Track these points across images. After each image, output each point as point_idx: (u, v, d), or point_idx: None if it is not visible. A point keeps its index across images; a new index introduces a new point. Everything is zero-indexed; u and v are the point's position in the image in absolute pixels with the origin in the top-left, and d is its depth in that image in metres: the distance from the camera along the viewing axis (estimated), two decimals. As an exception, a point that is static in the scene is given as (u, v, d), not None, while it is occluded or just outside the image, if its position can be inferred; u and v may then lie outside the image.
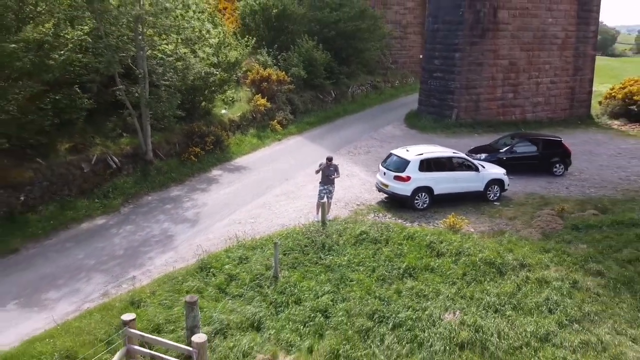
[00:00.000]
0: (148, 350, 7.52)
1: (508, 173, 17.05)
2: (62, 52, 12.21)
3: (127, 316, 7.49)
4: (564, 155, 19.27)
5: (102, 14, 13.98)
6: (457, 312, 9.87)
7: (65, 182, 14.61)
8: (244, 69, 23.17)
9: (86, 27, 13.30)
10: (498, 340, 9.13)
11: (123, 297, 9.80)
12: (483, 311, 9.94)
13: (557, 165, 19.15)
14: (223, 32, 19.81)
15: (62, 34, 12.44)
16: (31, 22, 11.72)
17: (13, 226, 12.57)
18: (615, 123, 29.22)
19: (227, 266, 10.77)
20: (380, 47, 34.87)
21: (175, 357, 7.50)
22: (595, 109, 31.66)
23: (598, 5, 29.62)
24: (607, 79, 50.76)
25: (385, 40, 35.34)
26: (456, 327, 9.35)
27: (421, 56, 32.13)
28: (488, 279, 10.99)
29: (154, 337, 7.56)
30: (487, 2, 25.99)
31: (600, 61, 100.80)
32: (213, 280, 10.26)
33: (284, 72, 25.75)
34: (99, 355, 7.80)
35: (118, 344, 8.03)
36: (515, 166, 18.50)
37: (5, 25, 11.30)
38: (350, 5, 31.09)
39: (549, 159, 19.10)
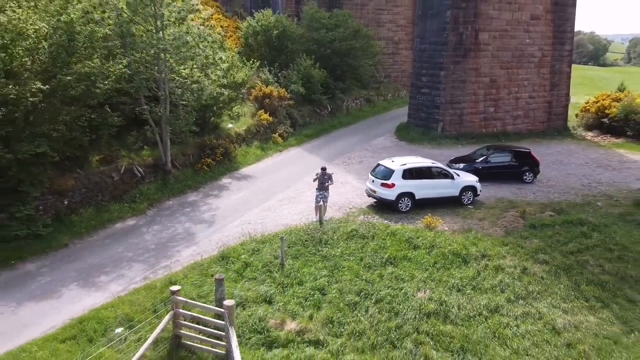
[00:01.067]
0: (190, 312, 10.18)
1: (483, 181, 19.92)
2: (106, 82, 15.00)
3: (174, 287, 10.17)
4: (532, 165, 22.10)
5: (132, 46, 16.79)
6: (427, 291, 12.58)
7: (100, 189, 17.31)
8: (248, 85, 26.00)
9: (124, 60, 16.06)
10: (457, 310, 11.85)
11: (161, 280, 12.48)
12: (448, 290, 12.65)
13: (527, 174, 21.96)
14: (231, 57, 22.62)
15: (105, 67, 15.19)
16: (79, 57, 14.45)
17: (61, 226, 15.22)
18: (589, 134, 32.15)
19: (242, 256, 13.47)
20: (373, 64, 37.80)
21: (210, 317, 10.16)
22: (573, 121, 34.62)
23: (572, 27, 32.68)
24: (593, 90, 53.98)
25: (378, 57, 38.24)
26: (425, 302, 12.06)
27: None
28: (454, 267, 13.71)
29: (195, 302, 10.24)
30: (469, 25, 28.97)
31: (590, 72, 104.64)
32: (232, 267, 12.94)
33: (284, 89, 28.60)
34: (149, 318, 10.47)
35: (162, 312, 10.72)
36: (490, 174, 21.34)
37: (61, 60, 14.06)
38: (345, 26, 34.06)
39: (520, 168, 21.92)
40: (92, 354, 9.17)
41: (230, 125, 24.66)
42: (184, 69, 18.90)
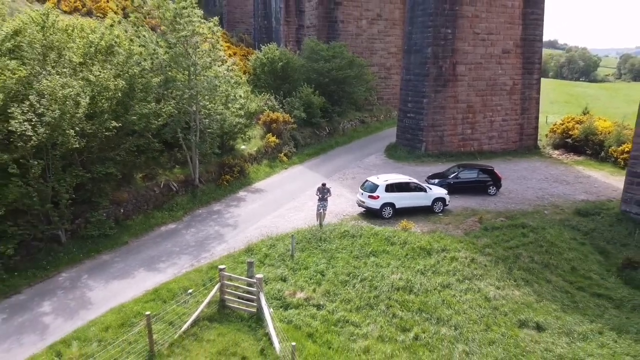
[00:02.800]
0: (232, 283, 15.19)
1: (454, 194, 25.11)
2: (159, 120, 20.20)
3: (221, 266, 15.19)
4: (495, 180, 27.27)
5: (173, 89, 22.03)
6: (399, 274, 17.61)
7: (145, 200, 22.41)
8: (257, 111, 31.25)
9: (172, 102, 21.28)
10: (419, 286, 16.86)
11: (205, 265, 17.51)
12: (414, 273, 17.67)
13: (491, 187, 27.12)
14: (247, 92, 27.89)
15: (157, 108, 20.39)
16: (138, 101, 19.66)
17: (121, 228, 20.27)
18: (555, 153, 37.45)
19: (263, 249, 18.52)
20: (367, 89, 43.20)
21: (245, 285, 15.17)
22: (544, 140, 39.93)
23: (540, 58, 38.19)
24: (576, 108, 59.45)
25: (371, 83, 43.65)
26: (397, 281, 17.08)
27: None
28: (420, 257, 18.76)
29: (235, 275, 15.28)
30: (447, 59, 34.40)
31: (579, 88, 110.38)
32: (256, 257, 17.94)
33: (288, 114, 33.86)
34: (201, 289, 15.47)
35: (209, 286, 15.70)
36: (460, 188, 26.52)
37: (126, 104, 19.26)
38: (341, 57, 39.51)
39: (485, 182, 27.09)
40: (169, 309, 14.17)
41: (243, 147, 29.84)
42: (211, 104, 24.09)
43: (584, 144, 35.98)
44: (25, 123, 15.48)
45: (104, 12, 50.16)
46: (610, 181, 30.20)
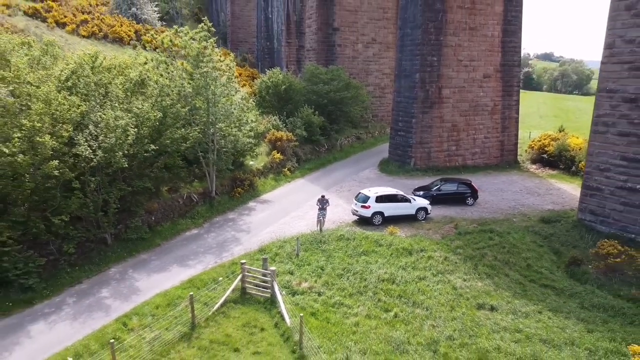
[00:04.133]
0: (251, 274, 19.59)
1: (437, 204, 29.58)
2: (188, 143, 24.75)
3: (243, 261, 19.62)
4: (473, 192, 31.79)
5: (196, 116, 26.59)
6: (384, 269, 22.01)
7: (172, 209, 26.87)
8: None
9: (197, 127, 25.85)
10: (400, 279, 21.25)
11: (227, 262, 21.92)
12: (397, 269, 22.05)
13: (469, 199, 31.63)
14: (256, 115, 32.50)
15: (186, 133, 24.95)
16: (170, 127, 24.23)
17: (153, 233, 24.69)
18: (533, 167, 42.06)
19: (273, 249, 22.94)
20: (363, 108, 47.88)
21: (261, 276, 19.56)
22: (524, 155, 44.55)
23: (518, 82, 42.95)
24: (565, 122, 64.07)
25: (366, 102, 48.36)
26: (382, 274, 21.46)
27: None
28: (402, 256, 23.17)
29: (253, 268, 19.70)
30: (433, 84, 39.13)
31: (570, 102, 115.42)
32: (268, 255, 22.31)
33: (290, 133, 38.43)
34: (226, 280, 19.85)
35: (231, 277, 20.09)
36: (442, 199, 31.03)
37: (158, 129, 23.80)
38: (339, 80, 44.24)
39: (463, 194, 31.61)
40: (202, 294, 18.55)
41: (252, 163, 34.38)
42: (226, 127, 28.63)
43: (558, 159, 40.61)
44: (88, 148, 19.98)
45: (118, 36, 55.14)
46: (577, 193, 34.49)
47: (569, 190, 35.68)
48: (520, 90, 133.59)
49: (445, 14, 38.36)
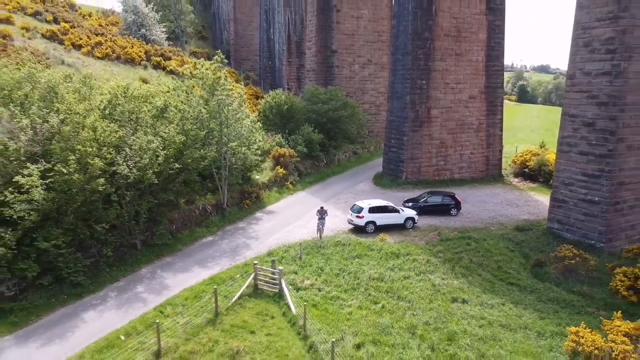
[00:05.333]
0: (262, 273, 23.80)
1: (424, 215, 33.89)
2: (206, 162, 29.08)
3: (255, 262, 23.86)
4: (456, 203, 36.10)
5: (211, 137, 30.98)
6: (375, 270, 26.23)
7: (189, 219, 31.11)
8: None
9: (214, 148, 30.19)
10: (388, 277, 25.46)
11: (240, 264, 26.13)
12: (385, 269, 26.26)
13: (453, 209, 35.93)
14: (263, 135, 36.89)
15: (204, 152, 29.29)
16: (190, 147, 28.57)
17: (175, 240, 28.91)
18: (515, 180, 46.44)
19: (280, 253, 27.17)
20: (359, 125, 52.34)
21: (270, 274, 23.77)
22: (508, 169, 48.95)
23: (501, 102, 47.50)
24: (553, 136, 68.40)
25: (362, 120, 52.85)
26: (373, 274, 25.67)
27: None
28: (391, 259, 27.39)
29: (264, 268, 23.93)
30: (422, 104, 43.61)
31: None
32: (276, 258, 26.52)
33: (292, 149, 42.80)
34: (241, 278, 24.06)
35: (245, 275, 24.30)
36: (429, 210, 35.33)
37: (180, 150, 28.13)
38: (336, 100, 48.75)
39: (448, 205, 35.92)
40: (222, 289, 22.73)
41: (257, 177, 38.70)
42: (237, 146, 32.96)
43: (538, 173, 45.00)
44: (126, 167, 24.29)
45: (130, 57, 59.79)
46: (551, 204, 39.01)
47: (545, 202, 39.83)
48: (515, 103, 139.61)
49: (433, 41, 42.98)
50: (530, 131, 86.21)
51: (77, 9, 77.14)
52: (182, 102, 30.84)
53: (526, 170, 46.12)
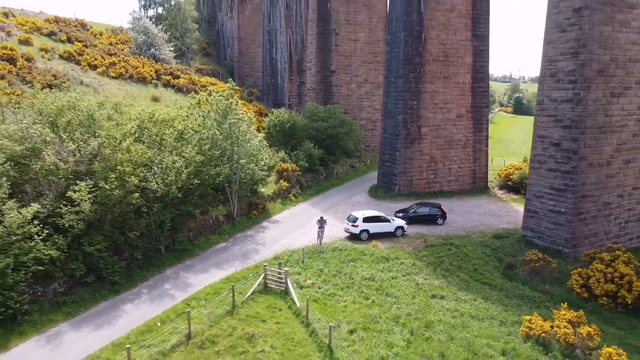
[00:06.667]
0: (270, 273, 28.51)
1: (413, 224, 38.67)
2: (220, 178, 33.91)
3: (265, 263, 28.57)
4: (443, 214, 40.88)
5: (223, 155, 35.87)
6: (367, 271, 30.93)
7: (204, 228, 35.87)
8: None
9: (227, 165, 35.03)
10: (378, 278, 30.16)
11: (251, 266, 30.86)
12: (376, 271, 30.96)
13: (439, 219, 40.70)
14: (269, 153, 41.79)
15: (219, 169, 34.11)
16: (207, 165, 33.40)
17: (193, 246, 33.63)
18: (500, 192, 51.26)
19: (285, 257, 31.90)
20: (356, 141, 57.26)
21: (277, 275, 28.47)
22: (494, 181, 53.79)
23: (487, 120, 52.46)
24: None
25: (359, 136, 57.78)
26: (365, 275, 30.37)
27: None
28: (381, 262, 32.10)
29: (272, 269, 28.66)
30: (414, 123, 48.54)
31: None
32: (282, 261, 31.25)
33: (294, 164, 47.63)
34: (252, 277, 28.77)
35: (256, 275, 29.02)
36: (417, 220, 40.11)
37: (199, 168, 32.97)
38: (335, 118, 53.70)
39: (435, 216, 40.68)
40: (237, 286, 27.41)
41: (263, 190, 43.49)
42: (246, 163, 37.77)
43: (520, 186, 49.80)
44: (156, 183, 29.09)
45: (142, 76, 64.89)
46: (530, 214, 43.75)
47: (525, 212, 44.67)
48: (512, 115, 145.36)
49: (423, 66, 48.01)
50: (522, 144, 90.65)
51: (89, 28, 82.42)
52: (198, 125, 35.72)
53: (510, 182, 50.95)
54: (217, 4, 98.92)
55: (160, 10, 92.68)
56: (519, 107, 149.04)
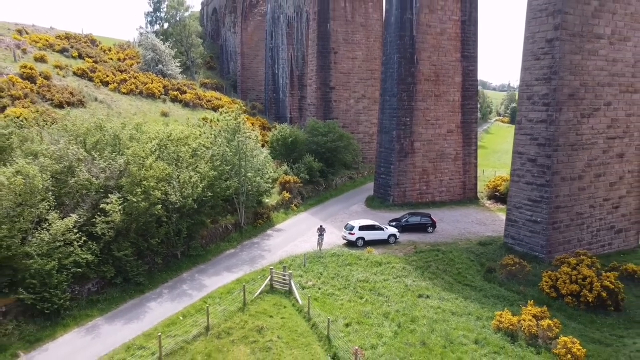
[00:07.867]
0: (276, 275, 32.77)
1: (405, 232, 43.02)
2: (230, 190, 38.26)
3: (272, 267, 32.87)
4: (432, 223, 45.20)
5: (232, 169, 40.26)
6: (362, 274, 35.19)
7: (215, 235, 40.17)
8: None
9: (236, 179, 39.41)
10: (372, 280, 34.42)
11: (258, 270, 35.13)
12: (370, 274, 35.22)
13: (429, 228, 45.01)
14: (273, 167, 46.19)
15: (229, 184, 38.46)
16: (218, 180, 37.76)
17: (206, 252, 37.91)
18: (488, 203, 55.60)
19: (288, 262, 36.18)
20: (354, 154, 61.68)
21: (282, 277, 32.74)
22: (483, 192, 58.14)
23: (475, 135, 56.91)
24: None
25: (357, 149, 62.20)
26: (360, 277, 34.63)
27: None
28: (375, 266, 36.35)
29: (278, 271, 32.96)
30: (407, 138, 52.97)
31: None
32: (286, 265, 35.49)
33: (296, 176, 51.99)
34: (260, 279, 33.04)
35: (263, 278, 33.30)
36: (409, 228, 44.43)
37: (211, 184, 37.33)
38: (334, 132, 58.12)
39: (425, 224, 45.00)
40: (247, 287, 31.67)
41: (267, 200, 47.83)
42: (253, 176, 42.12)
43: (506, 197, 54.03)
44: (175, 196, 33.44)
45: (151, 92, 69.44)
46: (514, 223, 48.06)
47: (510, 221, 48.97)
48: (508, 125, 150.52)
49: (415, 85, 52.52)
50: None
51: (98, 44, 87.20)
52: (210, 143, 40.13)
53: (497, 193, 55.30)
54: (220, 20, 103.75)
55: (165, 25, 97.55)
56: (515, 117, 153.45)
